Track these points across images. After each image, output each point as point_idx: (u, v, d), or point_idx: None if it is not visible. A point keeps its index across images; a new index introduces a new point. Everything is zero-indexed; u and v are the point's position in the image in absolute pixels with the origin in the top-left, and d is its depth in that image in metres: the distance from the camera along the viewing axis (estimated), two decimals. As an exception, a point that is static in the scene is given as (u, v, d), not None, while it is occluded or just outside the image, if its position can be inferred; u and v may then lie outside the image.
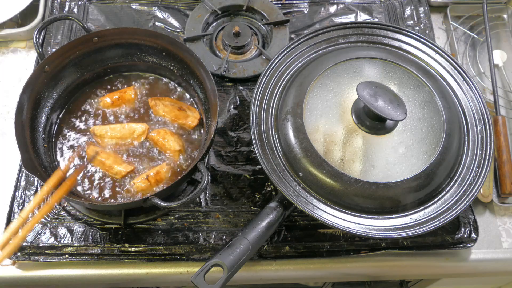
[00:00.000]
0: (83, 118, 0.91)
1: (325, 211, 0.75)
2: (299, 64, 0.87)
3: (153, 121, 0.91)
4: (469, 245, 0.86)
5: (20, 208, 0.86)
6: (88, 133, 0.89)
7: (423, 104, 0.79)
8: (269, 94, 0.84)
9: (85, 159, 0.87)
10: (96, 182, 0.85)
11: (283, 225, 0.86)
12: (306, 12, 1.12)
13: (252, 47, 1.06)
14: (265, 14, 1.08)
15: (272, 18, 1.08)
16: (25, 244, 0.83)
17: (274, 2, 1.12)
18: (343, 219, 0.74)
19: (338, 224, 0.73)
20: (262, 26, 1.09)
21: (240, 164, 0.92)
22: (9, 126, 0.96)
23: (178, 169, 0.87)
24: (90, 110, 0.92)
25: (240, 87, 1.01)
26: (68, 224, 0.85)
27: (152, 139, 0.88)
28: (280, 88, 0.85)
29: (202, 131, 0.91)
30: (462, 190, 0.78)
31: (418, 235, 0.74)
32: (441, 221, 0.75)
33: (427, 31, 1.08)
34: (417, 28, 1.09)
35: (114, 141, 0.87)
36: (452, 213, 0.75)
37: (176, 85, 0.95)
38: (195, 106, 0.93)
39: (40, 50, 0.86)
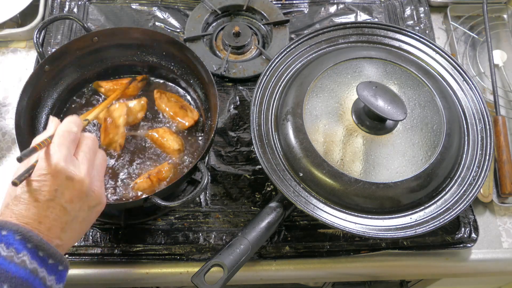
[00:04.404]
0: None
1: (325, 211, 0.75)
2: (299, 64, 0.87)
3: (153, 120, 0.91)
4: (469, 245, 0.86)
5: (20, 208, 0.86)
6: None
7: (423, 104, 0.79)
8: (269, 94, 0.84)
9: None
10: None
11: (283, 225, 0.86)
12: (306, 12, 1.12)
13: (252, 47, 1.06)
14: (265, 14, 1.08)
15: (272, 18, 1.08)
16: (25, 244, 0.83)
17: (274, 2, 1.12)
18: (343, 219, 0.74)
19: (338, 224, 0.73)
20: (262, 26, 1.09)
21: (240, 164, 0.92)
22: (9, 126, 0.96)
23: (180, 168, 0.86)
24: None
25: (240, 87, 1.01)
26: (68, 224, 0.85)
27: (151, 138, 0.88)
28: (280, 88, 0.85)
29: (202, 131, 0.91)
30: (462, 190, 0.78)
31: (418, 235, 0.74)
32: (441, 221, 0.75)
33: (427, 31, 1.08)
34: (417, 28, 1.09)
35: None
36: (452, 213, 0.75)
37: (176, 85, 0.95)
38: (195, 106, 0.93)
39: (40, 50, 0.86)
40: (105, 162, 0.67)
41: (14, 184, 0.55)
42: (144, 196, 0.75)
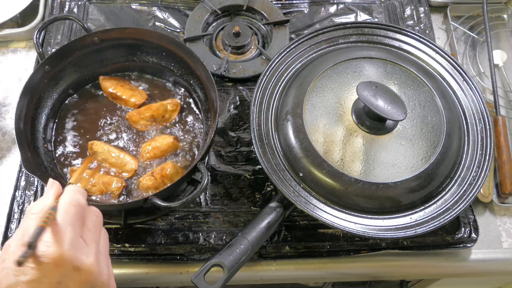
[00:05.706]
0: (84, 118, 0.91)
1: (325, 211, 0.75)
2: (299, 64, 0.87)
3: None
4: (469, 245, 0.86)
5: (20, 208, 0.86)
6: (87, 131, 0.89)
7: (423, 104, 0.79)
8: (269, 94, 0.84)
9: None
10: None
11: (283, 225, 0.86)
12: (306, 12, 1.12)
13: (252, 47, 1.06)
14: (265, 14, 1.08)
15: (272, 18, 1.08)
16: (25, 244, 0.83)
17: (274, 2, 1.12)
18: (343, 219, 0.74)
19: (338, 224, 0.73)
20: (262, 26, 1.09)
21: (240, 164, 0.92)
22: (9, 126, 0.96)
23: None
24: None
25: (240, 87, 1.01)
26: (68, 224, 0.85)
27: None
28: (280, 88, 0.85)
29: (201, 131, 0.91)
30: (462, 190, 0.78)
31: (418, 235, 0.74)
32: (441, 221, 0.75)
33: (427, 31, 1.08)
34: (417, 28, 1.09)
35: (105, 163, 0.86)
36: (452, 213, 0.75)
37: (176, 85, 0.95)
38: (195, 106, 0.93)
39: (40, 50, 0.86)
40: (108, 239, 0.58)
41: (19, 263, 0.46)
42: (144, 197, 0.75)
